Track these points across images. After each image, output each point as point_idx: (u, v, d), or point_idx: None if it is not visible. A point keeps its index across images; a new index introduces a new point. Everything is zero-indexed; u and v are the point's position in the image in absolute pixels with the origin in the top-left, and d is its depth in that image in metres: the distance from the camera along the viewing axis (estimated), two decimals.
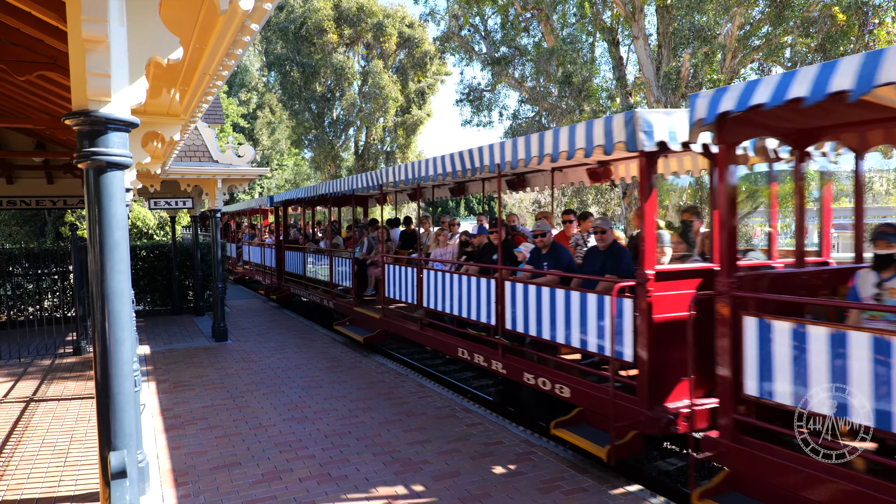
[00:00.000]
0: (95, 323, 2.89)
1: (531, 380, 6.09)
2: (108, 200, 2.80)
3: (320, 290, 12.89)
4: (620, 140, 4.64)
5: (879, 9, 12.41)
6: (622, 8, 15.72)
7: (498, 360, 6.66)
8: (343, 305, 11.35)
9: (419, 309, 8.57)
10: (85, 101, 2.72)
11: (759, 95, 3.45)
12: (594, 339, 5.38)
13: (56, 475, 4.98)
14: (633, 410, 4.87)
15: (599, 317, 5.32)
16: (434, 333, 8.17)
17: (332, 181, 10.83)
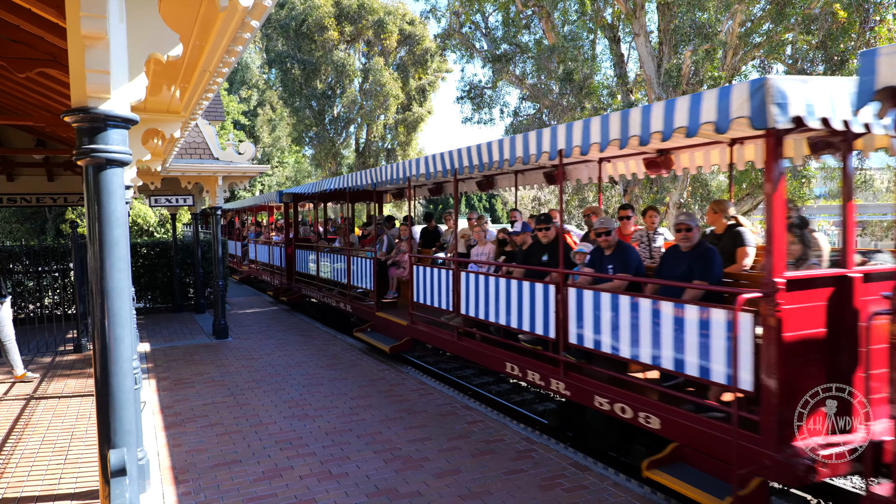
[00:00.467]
0: (95, 320, 2.88)
1: (604, 405, 5.17)
2: (107, 197, 2.79)
3: (336, 292, 12.06)
4: (742, 115, 3.73)
5: (881, 6, 12.36)
6: (623, 5, 15.68)
7: (559, 379, 5.69)
8: (363, 310, 10.51)
9: (455, 316, 7.56)
10: (84, 97, 2.71)
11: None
12: (693, 360, 4.40)
13: (56, 473, 4.98)
14: (755, 452, 3.91)
15: (702, 333, 4.34)
16: (474, 345, 7.21)
17: (351, 174, 9.83)
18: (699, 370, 4.38)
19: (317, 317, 13.96)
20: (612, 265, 5.67)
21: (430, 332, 8.26)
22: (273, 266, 16.89)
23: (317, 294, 12.87)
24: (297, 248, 14.77)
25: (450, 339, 7.72)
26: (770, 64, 15.10)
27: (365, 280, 10.53)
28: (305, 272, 13.92)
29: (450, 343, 7.73)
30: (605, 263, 5.74)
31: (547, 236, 6.51)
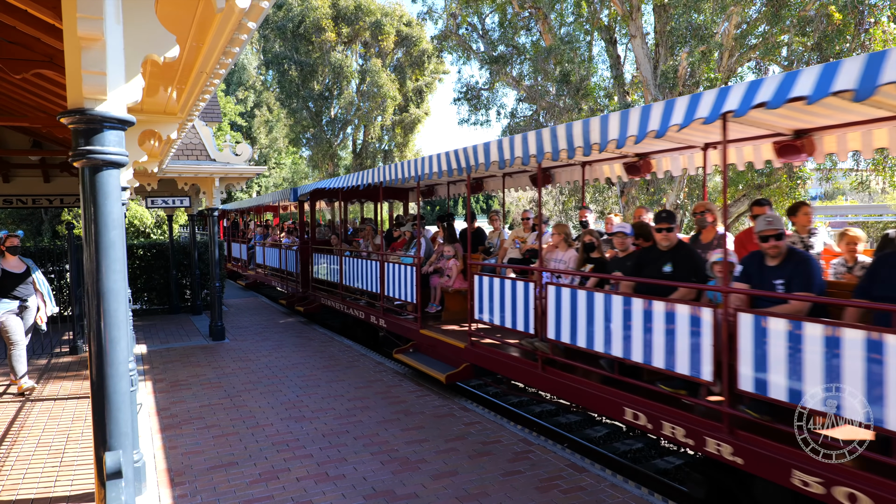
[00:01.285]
0: (91, 322, 2.88)
1: (811, 485, 3.59)
2: (103, 199, 2.78)
3: (363, 303, 10.53)
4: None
5: (875, 8, 12.42)
6: (620, 7, 15.71)
7: (722, 439, 4.10)
8: (402, 326, 8.82)
9: (537, 340, 6.06)
10: (81, 99, 2.70)
11: None
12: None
13: (52, 475, 4.96)
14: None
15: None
16: (570, 380, 5.57)
17: (389, 167, 8.41)
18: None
19: (340, 331, 12.13)
20: (784, 280, 4.30)
21: (497, 358, 6.60)
22: (285, 271, 15.27)
23: (339, 304, 11.27)
24: (315, 251, 13.12)
25: (528, 368, 6.07)
26: (766, 65, 15.15)
27: (403, 290, 8.86)
28: (325, 279, 12.38)
29: (529, 374, 6.07)
30: (770, 277, 4.39)
31: (669, 239, 5.22)
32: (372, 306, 10.12)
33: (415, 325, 8.44)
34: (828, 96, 3.23)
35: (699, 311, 4.36)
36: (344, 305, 11.02)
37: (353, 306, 10.64)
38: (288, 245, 15.04)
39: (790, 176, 14.46)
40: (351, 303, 10.77)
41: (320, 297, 12.41)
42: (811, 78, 3.29)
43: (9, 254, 7.36)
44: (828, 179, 16.95)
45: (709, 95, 3.89)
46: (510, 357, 6.45)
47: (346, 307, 10.89)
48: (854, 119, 5.04)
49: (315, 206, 13.82)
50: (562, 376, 5.68)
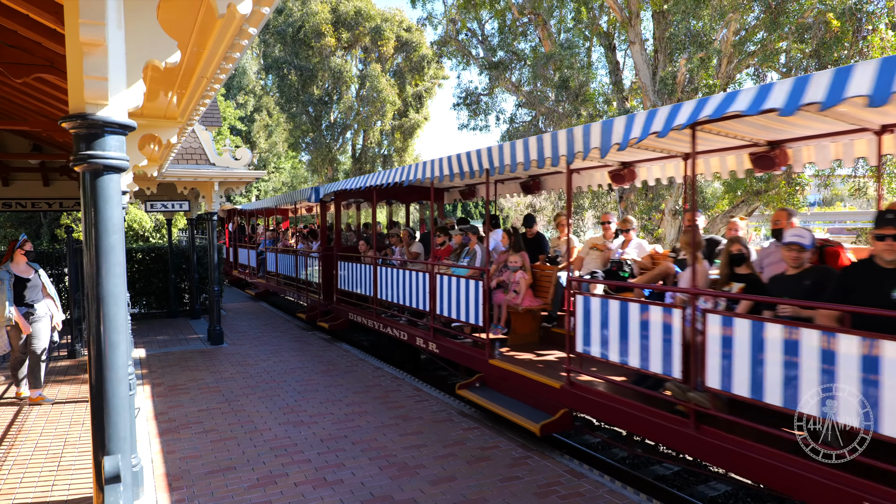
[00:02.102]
0: (90, 326, 2.88)
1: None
2: (104, 203, 2.79)
3: (405, 320, 9.16)
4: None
5: (873, 15, 12.47)
6: (619, 13, 15.78)
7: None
8: (461, 353, 7.37)
9: (688, 388, 4.50)
10: (82, 104, 2.71)
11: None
12: None
13: (49, 479, 4.95)
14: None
15: None
16: (751, 450, 4.00)
17: (431, 162, 7.28)
18: None
19: (371, 351, 10.96)
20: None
21: (615, 406, 5.10)
22: (303, 281, 13.72)
23: (373, 321, 9.88)
24: (342, 259, 11.51)
25: (670, 425, 4.57)
26: (764, 72, 15.20)
27: (461, 308, 7.31)
28: (354, 291, 10.83)
29: (670, 433, 4.58)
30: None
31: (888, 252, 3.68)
32: (414, 325, 8.85)
33: (481, 353, 6.94)
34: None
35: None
36: (378, 323, 9.69)
37: (391, 324, 9.29)
38: (306, 251, 13.79)
39: (788, 182, 14.50)
40: (387, 320, 9.47)
41: (347, 311, 11.02)
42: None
43: (23, 258, 7.10)
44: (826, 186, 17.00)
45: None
46: (637, 407, 4.87)
47: (382, 325, 9.56)
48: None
49: (340, 208, 12.29)
50: (734, 442, 4.09)
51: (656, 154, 6.78)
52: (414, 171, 7.61)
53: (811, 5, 12.90)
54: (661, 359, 4.72)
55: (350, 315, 10.92)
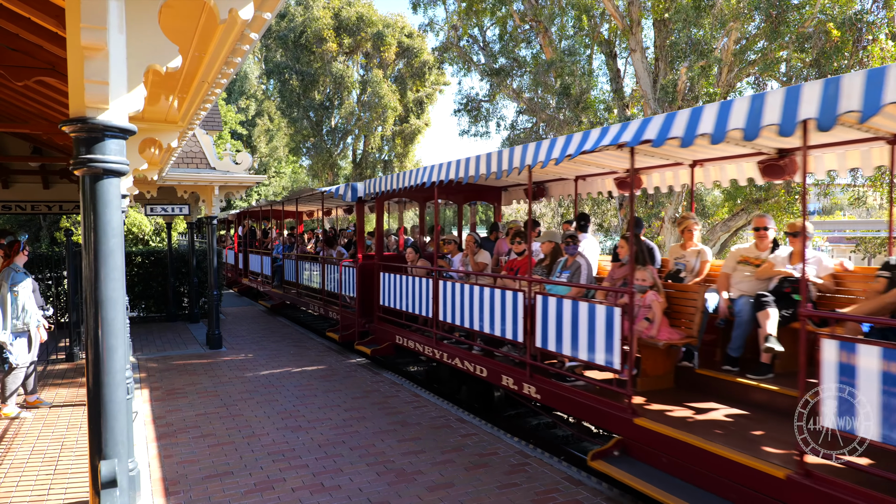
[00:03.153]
0: (88, 330, 2.88)
1: None
2: (103, 207, 2.79)
3: (477, 349, 7.28)
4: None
5: (873, 25, 12.52)
6: (620, 21, 15.83)
7: None
8: (589, 407, 5.30)
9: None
10: (83, 107, 2.72)
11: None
12: None
13: (45, 483, 4.94)
14: None
15: None
16: None
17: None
18: None
19: (424, 383, 9.20)
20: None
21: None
22: (331, 294, 11.85)
23: (432, 349, 7.90)
24: (385, 270, 9.53)
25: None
26: (765, 81, 15.25)
27: (583, 341, 5.39)
28: (403, 310, 8.87)
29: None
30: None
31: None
32: (491, 356, 6.95)
33: (618, 407, 4.96)
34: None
35: None
36: (440, 351, 7.70)
37: (459, 355, 7.32)
38: (334, 259, 11.92)
39: (788, 191, 14.51)
40: (453, 349, 7.49)
41: (393, 333, 9.06)
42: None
43: (24, 259, 6.84)
44: (825, 195, 17.02)
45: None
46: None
47: (446, 354, 7.58)
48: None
49: (383, 210, 10.58)
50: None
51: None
52: (508, 157, 5.60)
53: (811, 15, 12.96)
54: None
55: (397, 338, 8.98)
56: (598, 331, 5.20)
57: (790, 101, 3.29)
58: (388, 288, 9.35)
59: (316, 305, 12.72)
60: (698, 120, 3.81)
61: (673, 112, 4.04)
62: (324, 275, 12.31)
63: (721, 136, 3.63)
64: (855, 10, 12.64)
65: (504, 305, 6.50)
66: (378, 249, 10.44)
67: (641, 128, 4.24)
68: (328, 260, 12.27)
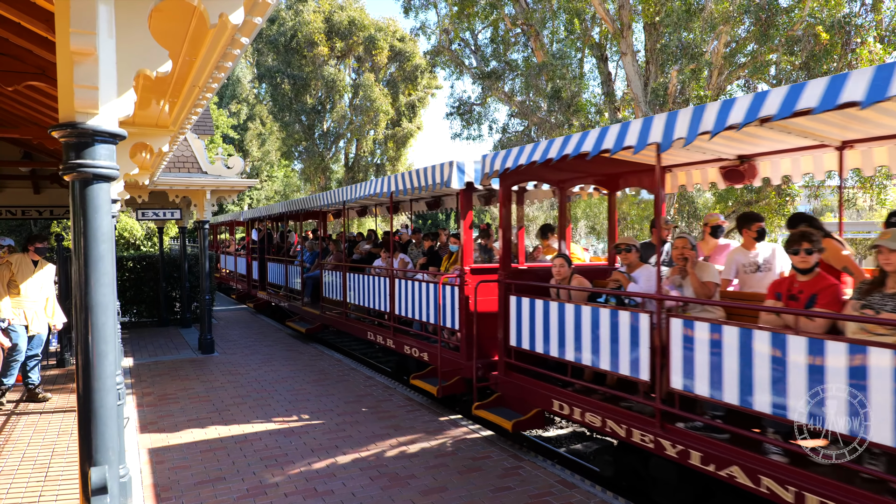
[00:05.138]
0: (78, 335, 2.86)
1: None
2: (93, 212, 2.78)
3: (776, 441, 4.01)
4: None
5: (861, 28, 12.63)
6: (611, 25, 15.91)
7: None
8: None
9: None
10: (72, 112, 2.71)
11: None
12: None
13: (36, 490, 4.90)
14: None
15: None
16: None
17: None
18: None
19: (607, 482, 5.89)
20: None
21: None
22: (403, 320, 8.87)
23: (645, 431, 4.75)
24: (524, 293, 6.35)
25: None
26: (755, 83, 15.35)
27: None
28: (557, 357, 5.77)
29: None
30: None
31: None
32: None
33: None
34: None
35: None
36: (676, 442, 4.48)
37: (726, 456, 4.10)
38: (407, 271, 9.13)
39: (779, 193, 14.61)
40: (706, 442, 4.29)
41: (545, 395, 5.84)
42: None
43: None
44: (816, 196, 17.14)
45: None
46: None
47: (687, 449, 4.38)
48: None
49: (510, 197, 6.83)
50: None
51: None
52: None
53: (800, 18, 13.06)
54: None
55: (555, 402, 5.67)
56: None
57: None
58: (527, 320, 6.11)
59: (382, 335, 9.24)
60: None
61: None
62: (393, 294, 8.95)
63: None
64: (843, 14, 12.75)
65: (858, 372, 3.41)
66: (505, 260, 6.57)
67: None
68: (398, 271, 9.12)
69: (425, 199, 11.83)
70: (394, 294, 8.95)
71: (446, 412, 7.16)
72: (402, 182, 7.90)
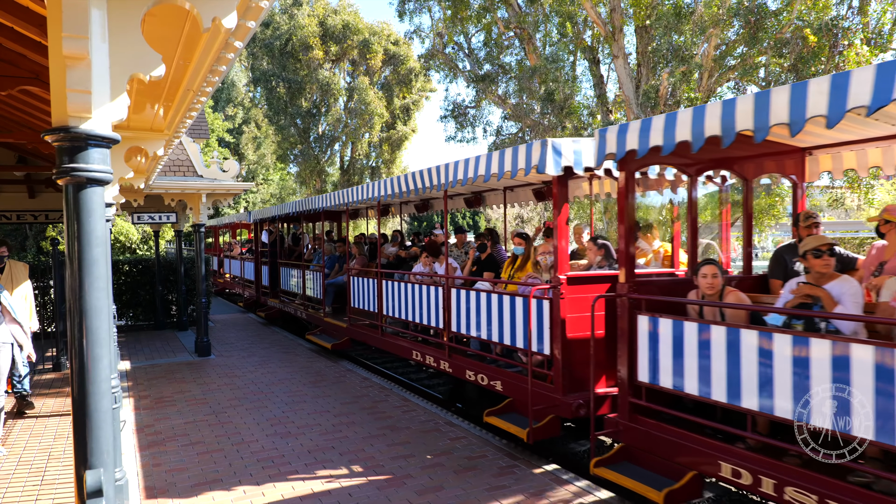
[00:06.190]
0: (73, 339, 2.84)
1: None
2: (87, 216, 2.76)
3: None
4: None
5: (849, 31, 12.72)
6: (602, 28, 15.95)
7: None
8: None
9: None
10: (65, 116, 2.69)
11: None
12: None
13: (32, 493, 4.86)
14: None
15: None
16: None
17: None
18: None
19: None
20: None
21: None
22: (468, 339, 7.14)
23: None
24: (652, 308, 4.83)
25: None
26: (744, 86, 15.42)
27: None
28: (722, 401, 4.10)
29: None
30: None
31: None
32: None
33: None
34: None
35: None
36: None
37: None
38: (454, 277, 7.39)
39: (768, 193, 14.67)
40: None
41: (712, 455, 4.18)
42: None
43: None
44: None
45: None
46: None
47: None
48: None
49: (633, 184, 5.06)
50: None
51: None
52: None
53: (789, 21, 13.13)
54: None
55: (725, 465, 4.10)
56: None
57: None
58: (668, 349, 4.51)
59: (434, 357, 7.64)
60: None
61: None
62: (445, 306, 7.31)
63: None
64: (831, 16, 12.83)
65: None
66: (629, 268, 4.86)
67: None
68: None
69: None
70: (449, 306, 7.25)
71: (536, 460, 5.63)
72: (472, 168, 6.11)
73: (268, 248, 15.67)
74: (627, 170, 4.89)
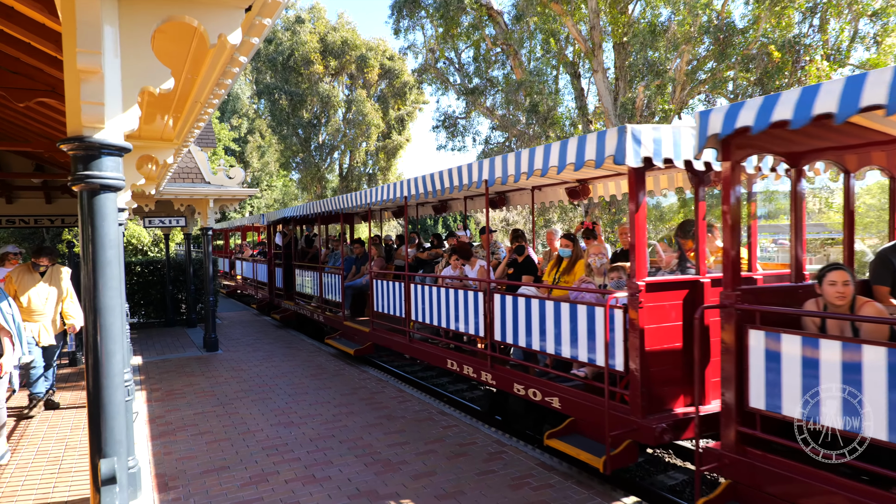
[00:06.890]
0: (87, 336, 2.82)
1: None
2: (100, 221, 2.74)
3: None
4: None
5: (810, 47, 12.83)
6: (583, 44, 16.01)
7: None
8: None
9: None
10: (79, 127, 2.67)
11: None
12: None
13: (50, 482, 4.82)
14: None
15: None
16: None
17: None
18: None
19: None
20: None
21: None
22: (509, 347, 6.15)
23: None
24: (765, 326, 3.66)
25: None
26: (714, 98, 15.52)
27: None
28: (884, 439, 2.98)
29: None
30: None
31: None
32: None
33: None
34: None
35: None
36: None
37: None
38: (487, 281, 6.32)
39: None
40: None
41: (854, 497, 3.10)
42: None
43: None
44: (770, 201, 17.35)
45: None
46: None
47: None
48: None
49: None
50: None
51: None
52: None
53: (755, 38, 13.23)
54: None
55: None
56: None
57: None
58: (796, 373, 3.45)
59: (473, 367, 6.55)
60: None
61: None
62: (492, 311, 6.17)
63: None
64: (793, 34, 12.94)
65: None
66: (735, 273, 3.88)
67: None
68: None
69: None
70: (491, 312, 6.20)
71: (611, 490, 4.62)
72: (532, 161, 5.09)
73: (282, 249, 14.46)
74: (734, 158, 3.84)
